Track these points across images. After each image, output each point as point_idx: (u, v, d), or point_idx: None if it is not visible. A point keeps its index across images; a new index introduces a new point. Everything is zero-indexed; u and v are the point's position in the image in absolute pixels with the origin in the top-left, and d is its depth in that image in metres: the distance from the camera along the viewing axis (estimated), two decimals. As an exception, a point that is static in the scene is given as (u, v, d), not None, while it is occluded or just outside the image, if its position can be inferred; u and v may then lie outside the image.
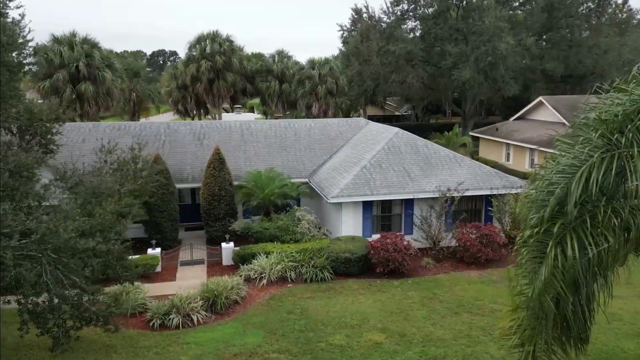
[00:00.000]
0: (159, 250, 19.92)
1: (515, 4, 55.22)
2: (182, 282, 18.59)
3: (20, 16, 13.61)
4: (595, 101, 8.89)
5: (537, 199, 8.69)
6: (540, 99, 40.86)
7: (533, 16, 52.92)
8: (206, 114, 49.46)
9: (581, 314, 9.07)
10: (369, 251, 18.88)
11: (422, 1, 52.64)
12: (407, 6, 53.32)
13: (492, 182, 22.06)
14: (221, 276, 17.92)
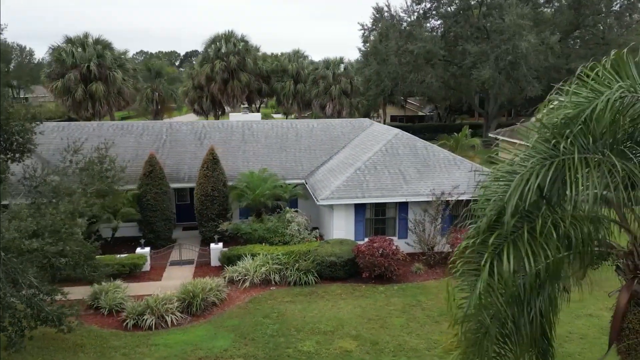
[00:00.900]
0: (147, 249, 19.99)
1: (540, 1, 53.51)
2: (167, 282, 18.59)
3: None
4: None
5: (478, 207, 8.19)
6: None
7: (562, 14, 51.23)
8: (222, 114, 49.79)
9: (530, 331, 8.48)
10: (356, 255, 18.46)
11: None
12: (430, 4, 52.42)
13: (491, 185, 21.21)
14: (207, 277, 17.81)
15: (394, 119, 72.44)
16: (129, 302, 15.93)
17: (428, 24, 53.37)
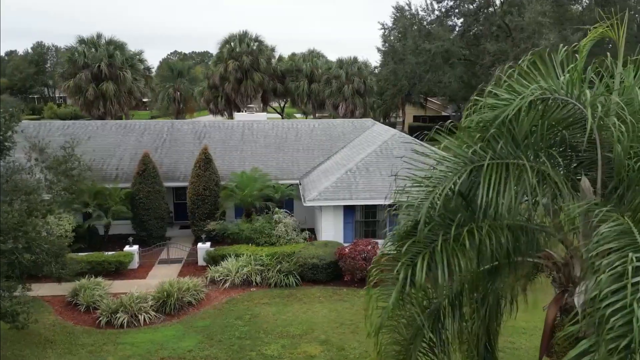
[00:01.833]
0: (135, 247, 20.21)
1: (565, -1, 51.72)
2: (152, 281, 18.69)
3: None
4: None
5: (400, 214, 7.86)
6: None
7: (591, 11, 49.43)
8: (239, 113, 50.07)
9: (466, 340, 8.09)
10: (339, 258, 18.17)
11: (465, -3, 50.58)
12: (452, 2, 51.44)
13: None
14: (187, 277, 17.88)
15: (417, 119, 71.28)
16: (105, 299, 16.10)
17: (450, 22, 52.41)
